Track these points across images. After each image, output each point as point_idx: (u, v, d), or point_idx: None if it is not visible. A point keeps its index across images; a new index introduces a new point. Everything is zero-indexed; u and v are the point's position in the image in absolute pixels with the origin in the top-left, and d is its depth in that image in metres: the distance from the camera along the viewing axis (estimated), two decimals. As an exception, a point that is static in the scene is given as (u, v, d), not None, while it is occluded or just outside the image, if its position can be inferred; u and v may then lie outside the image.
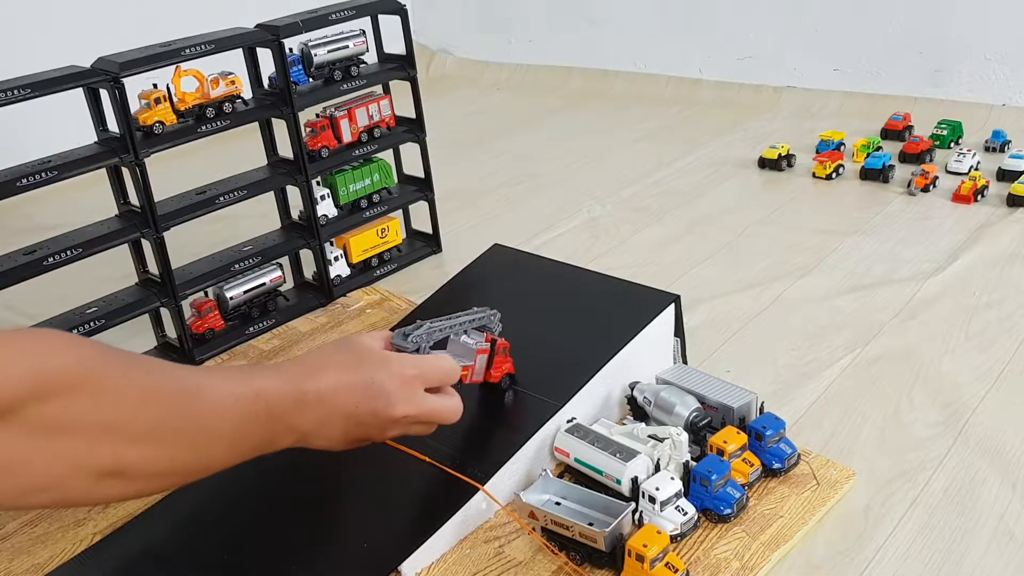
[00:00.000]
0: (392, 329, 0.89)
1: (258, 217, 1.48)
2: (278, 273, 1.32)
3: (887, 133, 1.81)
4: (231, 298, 1.27)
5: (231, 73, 1.23)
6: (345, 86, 1.34)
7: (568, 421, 0.91)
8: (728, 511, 0.83)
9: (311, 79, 1.32)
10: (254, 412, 0.72)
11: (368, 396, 0.77)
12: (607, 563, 0.80)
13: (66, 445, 0.61)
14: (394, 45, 1.40)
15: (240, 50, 1.23)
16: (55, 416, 0.60)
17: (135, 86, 1.13)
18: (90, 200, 1.38)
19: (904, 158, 1.68)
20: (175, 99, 1.18)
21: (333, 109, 1.34)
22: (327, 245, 1.36)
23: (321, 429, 0.76)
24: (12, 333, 0.61)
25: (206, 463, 0.71)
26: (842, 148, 1.75)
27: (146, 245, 1.20)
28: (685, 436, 0.88)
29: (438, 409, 0.82)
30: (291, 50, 1.27)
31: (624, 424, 0.94)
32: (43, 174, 1.07)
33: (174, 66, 1.16)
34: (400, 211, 1.48)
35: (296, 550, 0.84)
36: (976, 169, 1.60)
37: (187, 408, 0.68)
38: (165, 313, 1.24)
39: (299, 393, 0.74)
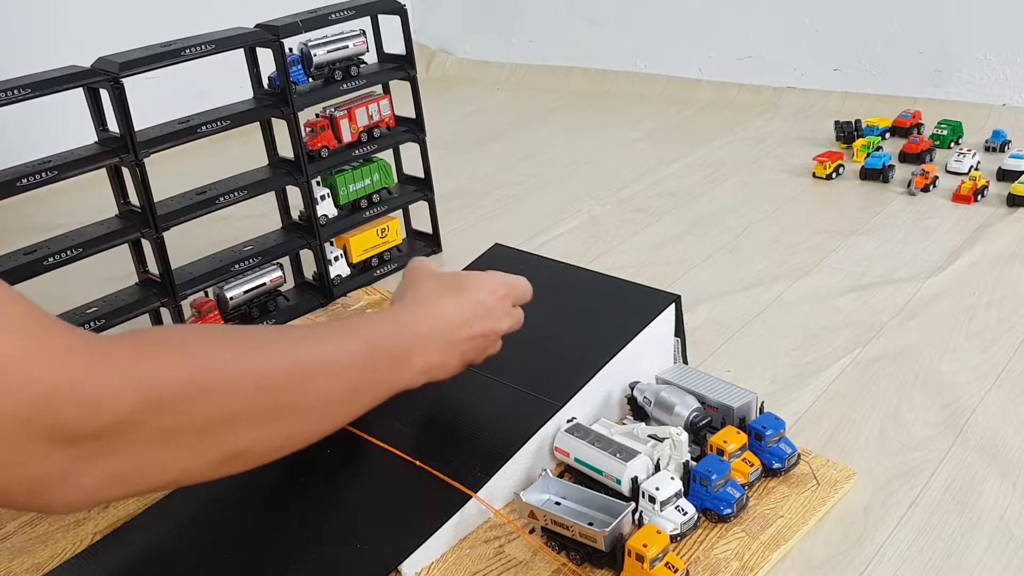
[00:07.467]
0: None
1: (258, 217, 1.48)
2: (278, 273, 1.32)
3: (895, 130, 1.81)
4: (231, 298, 1.27)
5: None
6: (345, 86, 1.34)
7: (568, 421, 0.91)
8: (728, 511, 0.83)
9: (311, 79, 1.32)
10: (374, 363, 0.73)
11: (478, 316, 0.82)
12: (607, 563, 0.80)
13: (182, 446, 0.60)
14: (394, 45, 1.40)
15: (240, 50, 1.23)
16: (168, 425, 0.58)
17: (135, 86, 1.12)
18: (90, 200, 1.38)
19: (904, 158, 1.68)
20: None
21: (333, 109, 1.34)
22: (327, 245, 1.36)
23: (443, 359, 0.79)
24: (117, 345, 0.59)
25: (329, 426, 0.72)
26: (886, 136, 1.80)
27: (146, 245, 1.20)
28: (685, 436, 0.88)
29: (521, 319, 0.87)
30: (291, 50, 1.27)
31: (624, 424, 0.94)
32: (43, 174, 1.07)
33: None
34: (400, 211, 1.48)
35: (296, 550, 0.84)
36: (976, 169, 1.60)
37: (306, 383, 0.68)
38: (165, 313, 1.24)
39: (416, 331, 0.77)
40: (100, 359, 0.56)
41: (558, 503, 0.85)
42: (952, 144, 1.74)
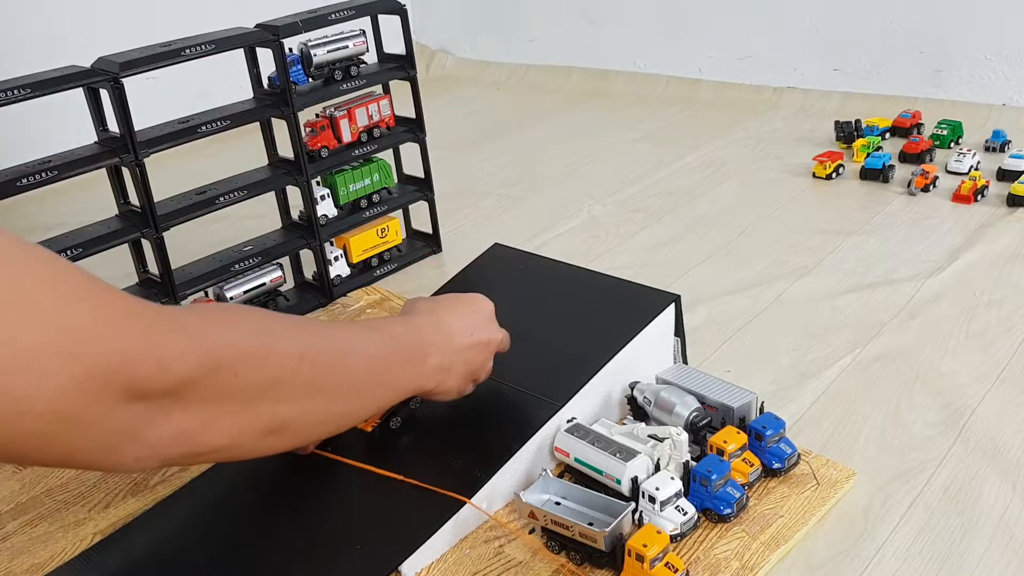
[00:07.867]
0: None
1: (258, 217, 1.48)
2: (278, 273, 1.32)
3: (895, 130, 1.82)
4: (231, 298, 1.27)
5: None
6: (345, 86, 1.34)
7: (568, 421, 0.91)
8: (728, 511, 0.83)
9: (311, 79, 1.32)
10: (394, 358, 0.81)
11: (476, 324, 0.89)
12: (607, 563, 0.80)
13: (234, 410, 0.67)
14: (394, 45, 1.40)
15: (240, 50, 1.23)
16: (225, 385, 0.65)
17: (135, 86, 1.13)
18: (90, 200, 1.38)
19: (904, 158, 1.68)
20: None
21: (333, 109, 1.34)
22: (327, 245, 1.36)
23: (451, 361, 0.86)
24: (183, 312, 0.66)
25: (358, 411, 0.80)
26: (887, 136, 1.80)
27: (146, 245, 1.20)
28: (685, 436, 0.88)
29: (508, 340, 0.94)
30: (291, 50, 1.27)
31: (624, 424, 0.94)
32: (43, 174, 1.07)
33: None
34: (400, 211, 1.48)
35: (296, 550, 0.84)
36: (976, 169, 1.60)
37: (339, 364, 0.76)
38: (165, 313, 1.24)
39: (424, 335, 0.84)
40: (170, 324, 0.62)
41: (558, 503, 0.85)
42: (952, 144, 1.74)
